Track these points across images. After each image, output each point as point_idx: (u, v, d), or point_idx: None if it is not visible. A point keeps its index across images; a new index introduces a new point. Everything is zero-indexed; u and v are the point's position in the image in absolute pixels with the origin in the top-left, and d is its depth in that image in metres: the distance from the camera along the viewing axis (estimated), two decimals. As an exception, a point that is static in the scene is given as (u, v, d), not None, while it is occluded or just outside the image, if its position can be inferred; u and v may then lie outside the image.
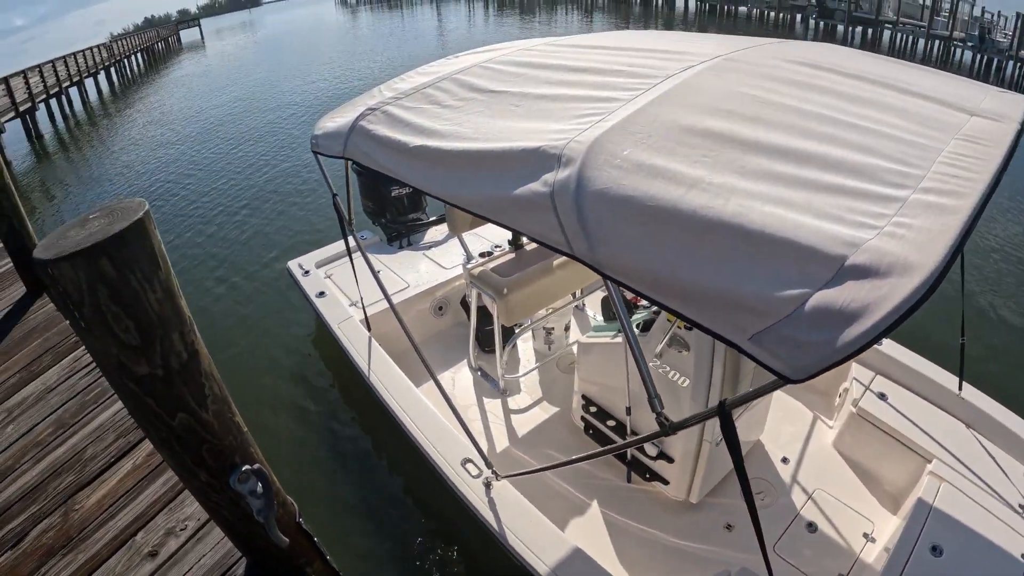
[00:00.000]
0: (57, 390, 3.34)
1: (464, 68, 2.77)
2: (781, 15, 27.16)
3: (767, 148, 1.60)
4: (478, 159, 2.00)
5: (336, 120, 2.96)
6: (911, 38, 20.67)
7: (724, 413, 1.42)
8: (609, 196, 1.56)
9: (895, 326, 1.11)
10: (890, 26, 21.69)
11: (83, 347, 3.63)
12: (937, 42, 19.31)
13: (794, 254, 1.26)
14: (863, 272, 1.19)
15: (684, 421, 1.64)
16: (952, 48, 18.68)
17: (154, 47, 44.52)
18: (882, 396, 3.30)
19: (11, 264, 5.00)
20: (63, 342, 3.78)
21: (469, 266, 3.82)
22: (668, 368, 2.74)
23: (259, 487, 1.40)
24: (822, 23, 24.93)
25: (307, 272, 5.08)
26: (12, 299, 4.68)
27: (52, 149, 19.26)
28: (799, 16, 26.75)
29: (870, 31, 22.58)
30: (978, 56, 17.81)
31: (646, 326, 2.86)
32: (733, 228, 1.34)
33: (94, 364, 3.40)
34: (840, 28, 23.84)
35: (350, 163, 2.95)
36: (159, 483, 2.49)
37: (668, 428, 1.66)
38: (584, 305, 4.81)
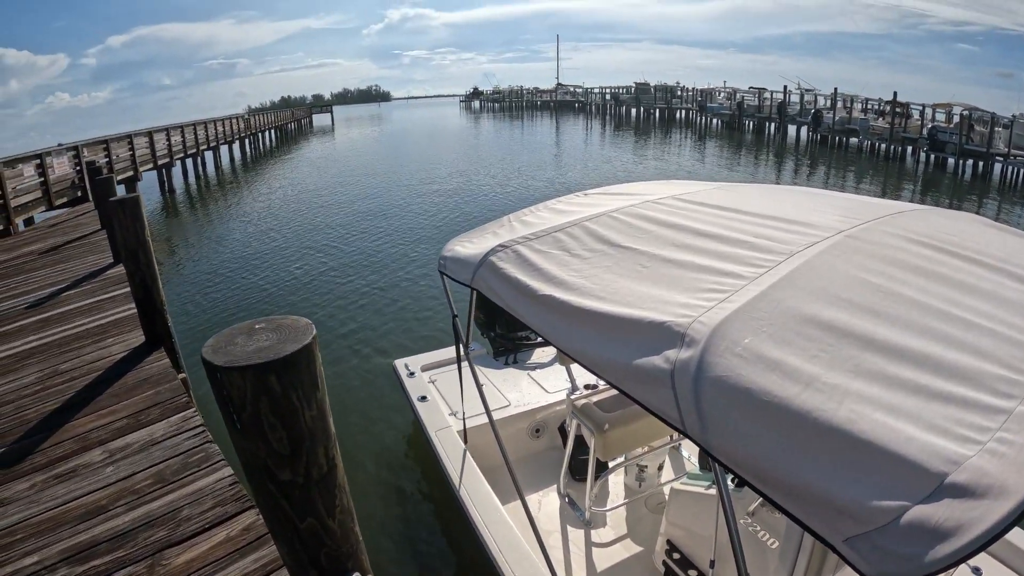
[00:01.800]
0: (161, 445, 3.50)
1: (594, 216, 2.90)
2: (892, 147, 27.01)
3: (883, 346, 1.63)
4: (603, 321, 2.08)
5: (466, 247, 3.13)
6: (1022, 171, 20.37)
7: None
8: (727, 384, 1.61)
9: (984, 547, 1.14)
10: (1001, 159, 21.35)
11: (194, 408, 3.85)
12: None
13: (898, 467, 1.30)
14: (960, 491, 1.22)
15: None
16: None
17: (286, 126, 48.51)
18: (976, 571, 3.09)
19: (135, 311, 5.41)
20: (174, 399, 3.99)
21: (573, 397, 3.86)
22: (758, 527, 2.68)
23: (364, 594, 1.48)
24: (933, 156, 24.67)
25: (412, 374, 5.27)
26: (130, 345, 5.05)
27: (181, 204, 20.88)
28: (910, 148, 26.56)
29: (981, 164, 22.28)
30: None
31: (741, 482, 2.83)
32: (843, 435, 1.38)
33: (203, 428, 3.60)
34: (951, 161, 23.60)
35: (475, 292, 3.07)
36: (250, 559, 2.56)
37: None
38: (681, 446, 4.72)
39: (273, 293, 10.51)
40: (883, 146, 27.76)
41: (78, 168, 15.36)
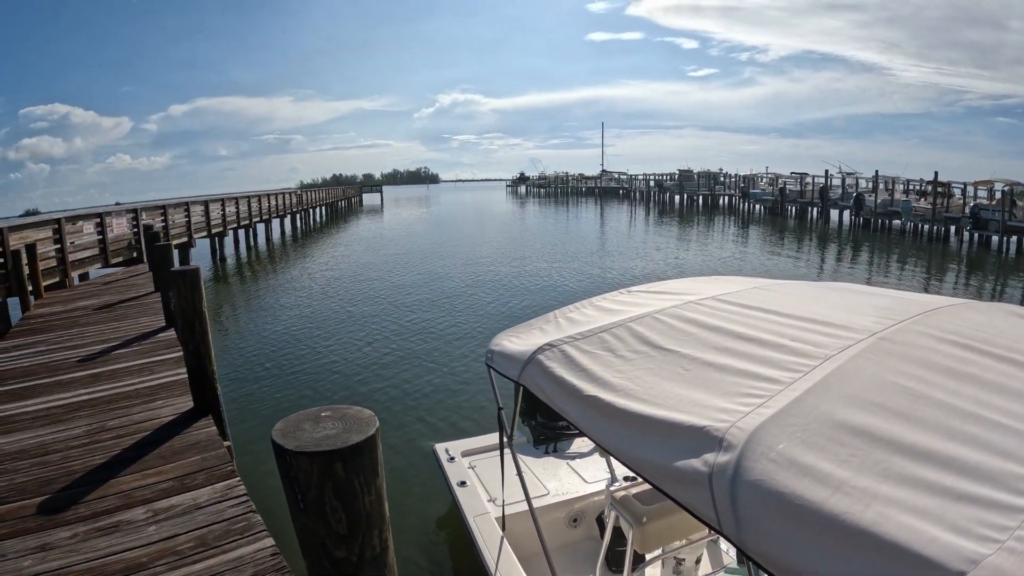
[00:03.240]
0: (206, 510, 3.56)
1: (638, 316, 3.04)
2: (935, 228, 26.93)
3: (910, 450, 1.72)
4: (645, 423, 2.21)
5: (514, 343, 3.26)
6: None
7: None
8: (762, 488, 1.71)
9: None
10: (1045, 233, 21.33)
11: (238, 477, 3.95)
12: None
13: (920, 567, 1.38)
14: None
15: None
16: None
17: (337, 204, 50.26)
18: None
19: (185, 376, 5.58)
20: (220, 466, 4.09)
21: (612, 488, 3.89)
22: None
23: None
24: (976, 234, 24.65)
25: (452, 458, 5.37)
26: (179, 409, 5.19)
27: (231, 273, 21.47)
28: (953, 228, 26.55)
29: (1024, 240, 22.31)
30: None
31: None
32: (869, 536, 1.47)
33: (247, 497, 3.68)
34: (995, 239, 23.62)
35: (521, 387, 3.18)
36: (287, 630, 2.62)
37: None
38: (719, 540, 4.65)
39: (321, 368, 10.49)
40: (926, 227, 27.72)
41: (136, 230, 16.15)
